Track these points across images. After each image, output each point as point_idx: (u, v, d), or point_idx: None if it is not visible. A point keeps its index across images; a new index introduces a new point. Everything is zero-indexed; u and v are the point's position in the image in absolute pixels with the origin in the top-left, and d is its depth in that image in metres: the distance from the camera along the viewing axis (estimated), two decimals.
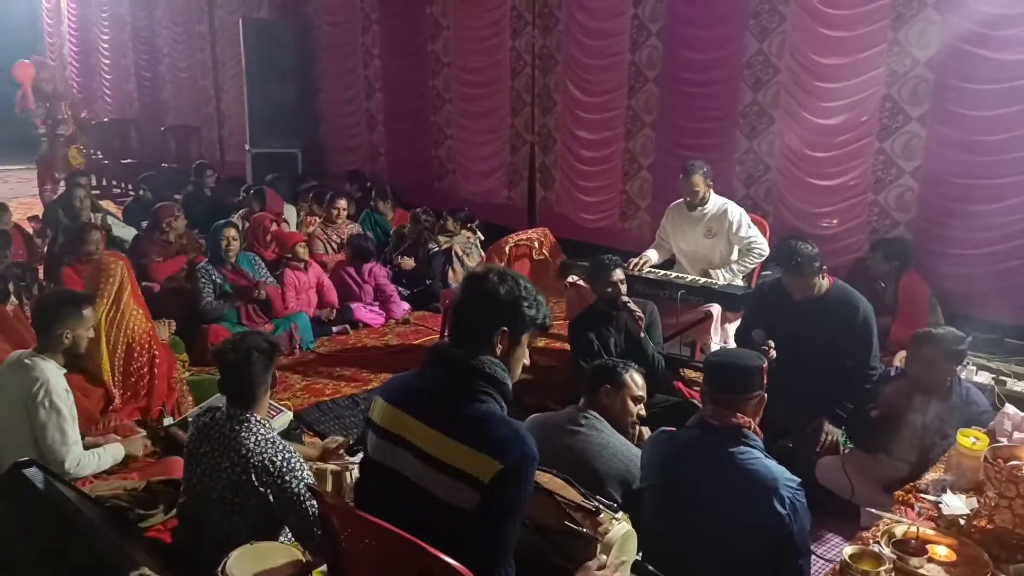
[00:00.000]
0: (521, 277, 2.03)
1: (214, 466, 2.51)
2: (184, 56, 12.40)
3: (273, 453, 2.47)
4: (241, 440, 2.48)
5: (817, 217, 6.00)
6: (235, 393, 2.60)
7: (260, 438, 2.49)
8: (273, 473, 2.44)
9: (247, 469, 2.44)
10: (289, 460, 2.48)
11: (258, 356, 2.58)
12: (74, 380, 3.41)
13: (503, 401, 1.94)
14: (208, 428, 2.58)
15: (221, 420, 2.57)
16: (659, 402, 4.20)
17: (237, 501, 2.47)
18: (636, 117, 7.18)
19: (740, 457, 2.34)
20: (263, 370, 2.60)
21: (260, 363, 2.59)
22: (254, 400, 2.59)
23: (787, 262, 3.87)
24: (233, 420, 2.54)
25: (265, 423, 2.58)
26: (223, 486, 2.48)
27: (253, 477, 2.44)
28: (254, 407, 2.58)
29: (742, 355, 2.50)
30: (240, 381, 2.58)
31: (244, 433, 2.49)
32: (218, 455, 2.50)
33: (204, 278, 5.57)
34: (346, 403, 4.86)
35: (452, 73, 8.78)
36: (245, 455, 2.45)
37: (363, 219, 7.78)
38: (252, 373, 2.57)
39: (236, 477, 2.45)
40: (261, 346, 2.62)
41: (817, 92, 5.87)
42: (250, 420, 2.53)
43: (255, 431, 2.51)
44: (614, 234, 7.39)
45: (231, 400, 2.61)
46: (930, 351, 3.44)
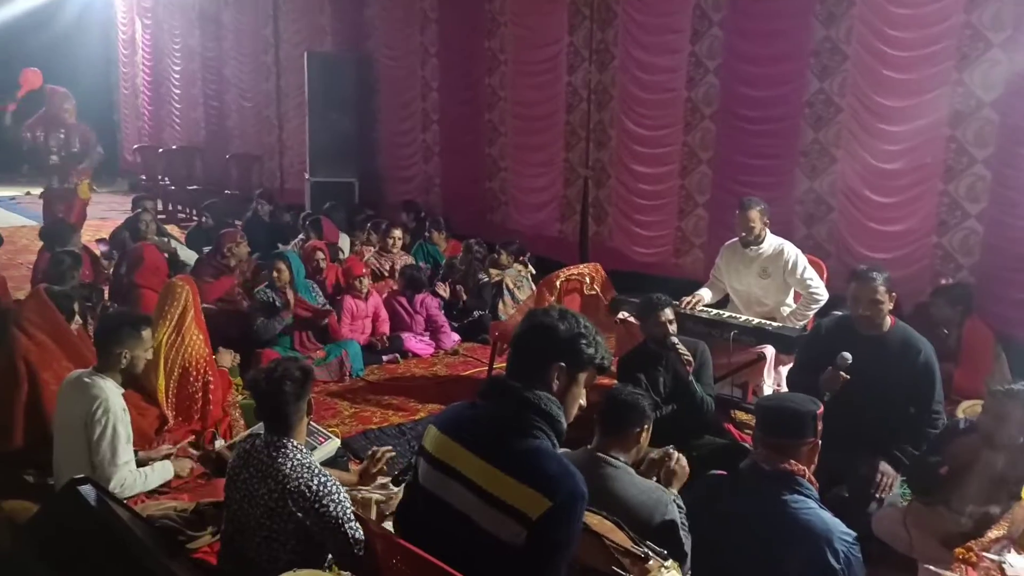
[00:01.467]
0: (583, 317, 2.02)
1: (252, 492, 2.52)
2: (250, 86, 12.79)
3: (309, 478, 2.47)
4: (278, 466, 2.49)
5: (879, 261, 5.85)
6: (271, 420, 2.62)
7: (296, 463, 2.50)
8: (309, 498, 2.44)
9: (284, 495, 2.45)
10: (326, 484, 2.48)
11: (291, 384, 2.59)
12: (131, 398, 3.49)
13: (556, 439, 1.92)
14: (247, 455, 2.60)
15: (259, 447, 2.58)
16: (707, 444, 4.12)
17: (275, 527, 2.47)
18: (692, 153, 7.15)
19: (793, 506, 2.27)
20: (296, 398, 2.60)
21: (293, 391, 2.58)
22: (290, 427, 2.60)
23: (856, 271, 3.78)
24: (270, 447, 2.55)
25: (302, 448, 2.59)
26: (261, 512, 2.49)
27: (290, 503, 2.44)
28: (290, 433, 2.59)
29: (796, 400, 2.43)
30: (275, 409, 2.59)
31: (281, 459, 2.50)
32: (256, 481, 2.52)
33: (263, 298, 5.70)
34: (393, 432, 4.87)
35: (508, 107, 8.88)
36: (282, 481, 2.46)
37: (416, 250, 7.87)
38: (285, 401, 2.58)
39: (273, 503, 2.46)
40: (294, 374, 2.62)
41: (879, 133, 5.77)
42: (287, 446, 2.54)
43: (291, 457, 2.52)
44: (667, 269, 7.33)
45: (268, 427, 2.63)
46: (1009, 408, 3.29)
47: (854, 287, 3.80)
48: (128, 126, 16.19)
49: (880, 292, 3.70)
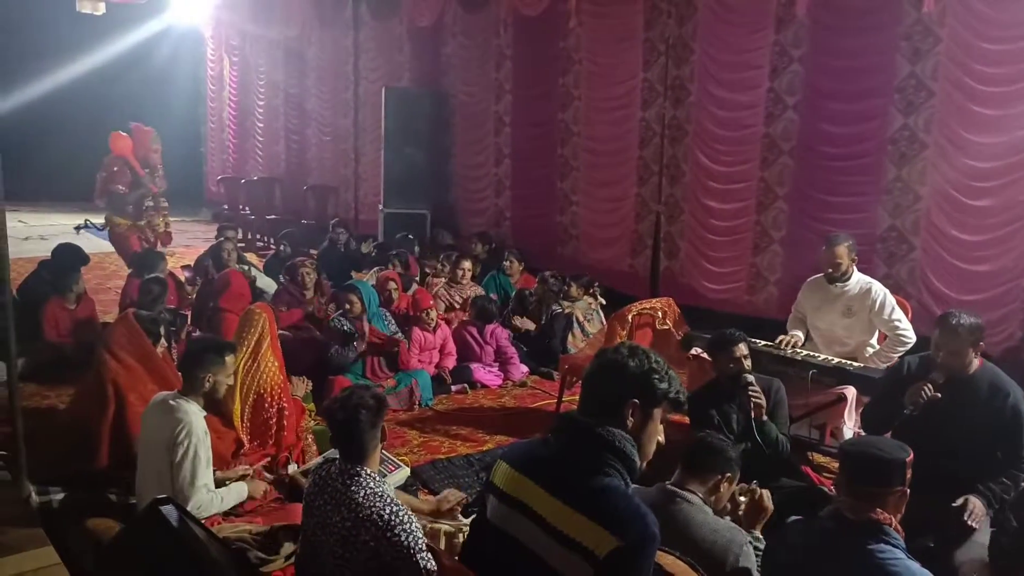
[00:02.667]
0: (653, 352, 2.00)
1: (326, 519, 2.54)
2: (329, 120, 13.19)
3: (382, 507, 2.47)
4: (351, 494, 2.50)
5: (965, 304, 5.62)
6: (346, 448, 2.64)
7: (369, 492, 2.51)
8: (382, 526, 2.44)
9: (357, 523, 2.46)
10: (398, 513, 2.48)
11: (366, 413, 2.61)
12: (210, 422, 3.59)
13: (629, 476, 1.90)
14: (323, 481, 2.62)
15: (335, 474, 2.60)
16: (784, 486, 3.97)
17: (347, 555, 2.48)
18: (768, 189, 7.04)
19: (880, 556, 2.17)
20: (371, 426, 2.62)
21: (367, 420, 2.61)
22: (364, 455, 2.61)
23: (941, 319, 3.63)
24: (344, 475, 2.57)
25: (375, 477, 2.60)
26: (334, 540, 2.50)
27: (362, 531, 2.45)
28: (365, 462, 2.61)
29: (885, 446, 2.33)
30: (349, 436, 2.61)
31: (355, 488, 2.52)
32: (330, 509, 2.54)
33: (337, 326, 5.82)
34: (461, 463, 4.87)
35: (580, 142, 8.92)
36: (355, 509, 2.48)
37: (488, 281, 7.91)
38: (360, 430, 2.60)
39: (346, 531, 2.47)
40: (368, 403, 2.64)
41: (967, 170, 5.59)
42: (361, 474, 2.56)
43: (365, 485, 2.53)
44: (739, 306, 7.20)
45: (343, 455, 2.64)
46: None
47: (937, 334, 3.65)
48: (213, 158, 16.87)
49: (963, 344, 3.55)
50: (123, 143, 8.55)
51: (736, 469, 2.98)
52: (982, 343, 3.62)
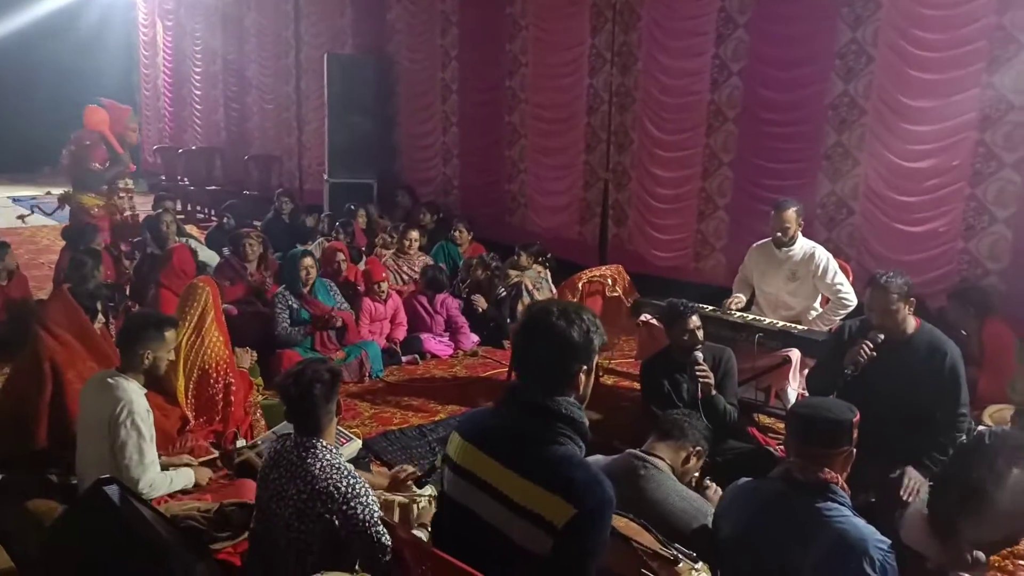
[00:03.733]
0: (579, 307, 1.99)
1: (282, 492, 2.51)
2: (271, 88, 12.85)
3: (338, 479, 2.46)
4: (307, 467, 2.48)
5: (903, 265, 5.78)
6: (301, 422, 2.62)
7: (325, 464, 2.50)
8: (338, 499, 2.43)
9: (313, 496, 2.45)
10: (355, 486, 2.47)
11: (320, 387, 2.58)
12: (153, 399, 3.50)
13: (582, 441, 1.90)
14: (278, 455, 2.60)
15: (290, 447, 2.58)
16: (732, 448, 4.07)
17: (303, 528, 2.46)
18: (714, 156, 7.10)
19: (828, 514, 2.22)
20: (326, 400, 2.60)
21: (322, 393, 2.58)
22: (319, 428, 2.59)
23: (873, 278, 3.72)
24: (300, 447, 2.55)
25: (332, 449, 2.58)
26: (290, 513, 2.48)
27: (318, 504, 2.44)
28: (320, 434, 2.59)
29: (834, 407, 2.38)
30: (304, 411, 2.59)
31: (310, 460, 2.50)
32: (285, 482, 2.51)
33: (281, 304, 5.71)
34: (414, 433, 4.85)
35: (528, 109, 8.86)
36: (311, 481, 2.46)
37: (436, 251, 7.85)
38: (315, 404, 2.57)
39: (302, 504, 2.46)
40: (322, 377, 2.61)
41: (905, 135, 5.70)
42: (316, 447, 2.54)
43: (321, 457, 2.51)
44: (687, 273, 7.28)
45: (298, 429, 2.62)
46: None
47: (869, 294, 3.75)
48: (149, 127, 16.31)
49: (893, 301, 3.64)
50: (99, 116, 8.07)
51: (706, 445, 3.03)
52: (913, 300, 3.72)
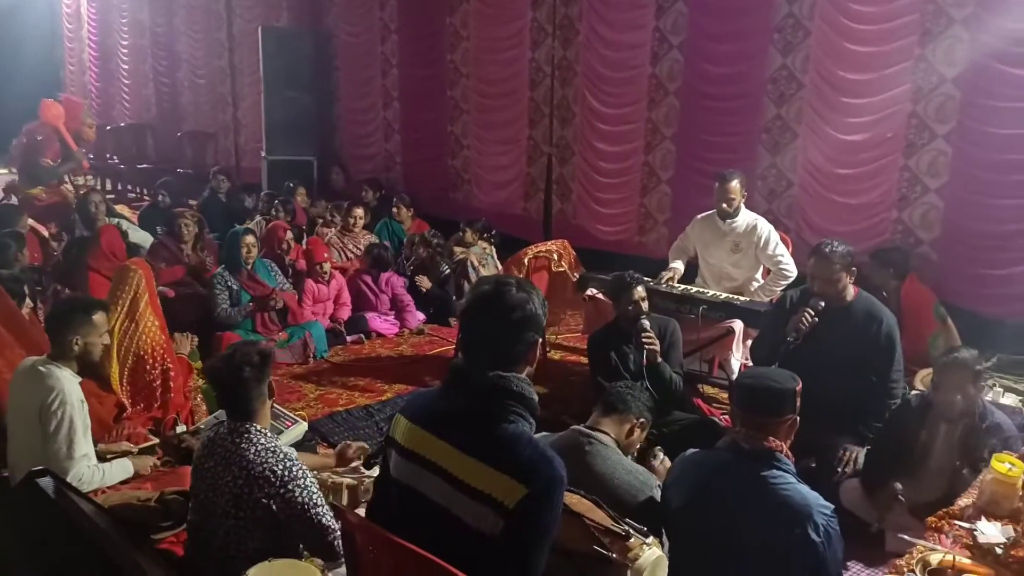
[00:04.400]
0: (526, 280, 1.97)
1: (217, 480, 2.46)
2: (203, 63, 12.45)
3: (274, 463, 2.41)
4: (242, 452, 2.43)
5: (840, 235, 5.91)
6: (233, 407, 2.56)
7: (261, 448, 2.45)
8: (275, 483, 2.39)
9: (249, 481, 2.40)
10: (291, 469, 2.42)
11: (250, 369, 2.52)
12: (88, 386, 3.37)
13: (532, 418, 1.88)
14: (212, 443, 2.54)
15: (223, 434, 2.52)
16: (678, 419, 4.13)
17: (241, 515, 2.41)
18: (656, 130, 7.13)
19: (773, 482, 2.26)
20: (257, 382, 2.54)
21: (253, 375, 2.52)
22: (252, 412, 2.54)
23: (816, 248, 3.80)
24: (234, 433, 2.49)
25: (266, 433, 2.53)
26: (227, 500, 2.43)
27: (255, 489, 2.39)
28: (254, 418, 2.53)
29: (777, 377, 2.41)
30: (235, 395, 2.53)
31: (244, 445, 2.45)
32: (221, 469, 2.46)
33: (220, 285, 5.56)
34: (360, 414, 4.80)
35: (471, 83, 8.76)
36: (246, 467, 2.41)
37: (380, 228, 7.74)
38: (246, 387, 2.51)
39: (239, 490, 2.40)
40: (252, 359, 2.55)
41: (842, 108, 5.81)
42: (251, 431, 2.48)
43: (255, 442, 2.46)
44: (631, 247, 7.33)
45: (230, 414, 2.56)
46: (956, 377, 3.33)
47: (812, 263, 3.83)
48: None
49: (835, 270, 3.73)
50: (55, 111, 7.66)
51: (649, 416, 3.05)
52: (854, 269, 3.81)
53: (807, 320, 3.74)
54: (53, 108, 7.71)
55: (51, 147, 7.57)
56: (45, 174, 7.53)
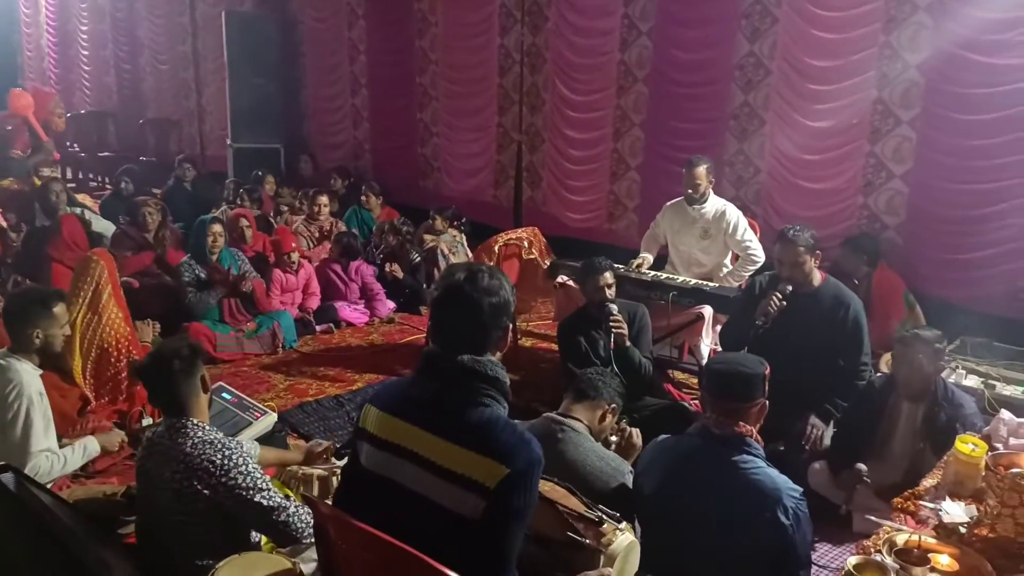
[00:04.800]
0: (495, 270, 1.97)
1: (156, 480, 2.42)
2: (165, 48, 12.22)
3: (212, 453, 2.37)
4: (179, 447, 2.39)
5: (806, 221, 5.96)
6: (166, 404, 2.51)
7: (197, 440, 2.40)
8: (214, 472, 2.34)
9: (188, 474, 2.35)
10: (231, 456, 2.38)
11: (179, 362, 2.48)
12: (51, 379, 3.31)
13: (506, 401, 1.90)
14: (151, 443, 2.49)
15: (161, 433, 2.48)
16: (649, 405, 4.15)
17: (186, 509, 2.37)
18: (625, 117, 7.13)
19: (743, 466, 2.28)
20: (186, 376, 2.49)
21: (182, 368, 2.48)
22: (186, 407, 2.48)
23: (781, 232, 3.84)
24: (171, 430, 2.44)
25: (203, 426, 2.48)
26: (168, 497, 2.38)
27: (195, 481, 2.34)
28: (189, 413, 2.48)
29: (747, 362, 2.43)
30: (167, 391, 2.49)
31: (181, 440, 2.40)
32: (160, 468, 2.41)
33: (188, 273, 5.47)
34: (331, 404, 4.76)
35: (439, 70, 8.70)
36: (184, 460, 2.36)
37: (349, 216, 7.68)
38: (174, 382, 2.47)
39: (178, 485, 2.36)
40: (181, 352, 2.51)
41: (808, 94, 5.86)
42: (187, 426, 2.44)
43: (192, 435, 2.41)
44: (601, 234, 7.35)
45: (165, 411, 2.52)
46: (916, 351, 3.40)
47: (778, 248, 3.87)
48: None
49: (800, 254, 3.76)
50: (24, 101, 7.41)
51: (620, 401, 3.05)
52: (819, 253, 3.85)
53: (775, 304, 3.78)
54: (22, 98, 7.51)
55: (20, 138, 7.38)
56: (15, 166, 7.34)
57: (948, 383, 3.56)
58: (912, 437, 3.52)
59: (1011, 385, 4.29)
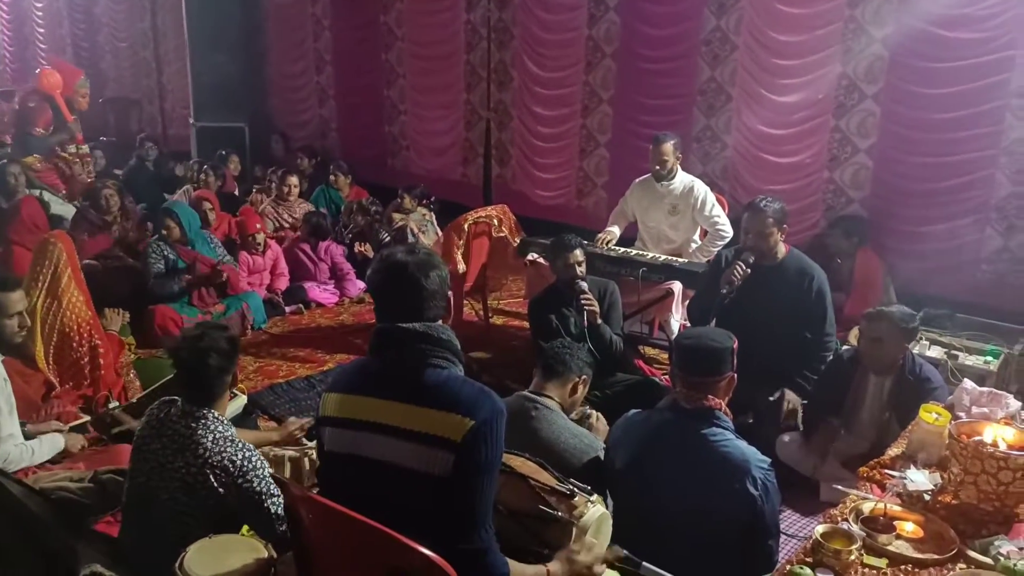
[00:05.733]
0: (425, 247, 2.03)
1: (165, 465, 2.37)
2: (123, 26, 11.91)
3: (232, 452, 2.34)
4: (198, 439, 2.34)
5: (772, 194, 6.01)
6: (191, 390, 2.46)
7: (218, 436, 2.36)
8: (233, 473, 2.32)
9: (204, 469, 2.32)
10: (251, 459, 2.36)
11: (216, 357, 2.44)
12: (13, 365, 3.25)
13: (460, 363, 1.93)
14: (161, 424, 2.42)
15: (175, 416, 2.41)
16: (620, 381, 4.19)
17: (190, 502, 2.34)
18: (593, 93, 7.11)
19: (712, 439, 2.31)
20: (221, 371, 2.46)
21: (218, 365, 2.44)
22: (212, 398, 2.46)
23: (751, 202, 3.88)
24: (188, 417, 2.39)
25: (224, 421, 2.44)
26: (176, 486, 2.34)
27: (212, 478, 2.31)
28: (212, 404, 2.45)
29: (715, 336, 2.46)
30: (197, 381, 2.44)
31: (201, 431, 2.35)
32: (170, 454, 2.36)
33: (155, 254, 5.38)
34: (301, 385, 4.75)
35: (405, 47, 8.59)
36: (202, 455, 2.32)
37: (317, 196, 7.59)
38: (209, 375, 2.43)
39: (191, 478, 2.32)
40: (221, 347, 2.46)
41: (774, 69, 5.88)
42: (207, 418, 2.39)
43: (213, 429, 2.37)
44: (570, 212, 7.34)
45: (187, 397, 2.45)
46: (882, 328, 3.46)
47: (746, 217, 3.91)
48: None
49: (768, 224, 3.80)
50: (53, 80, 7.15)
51: (590, 371, 3.06)
52: (786, 226, 3.89)
53: (739, 272, 3.80)
54: (51, 77, 7.31)
55: (43, 116, 7.19)
56: (36, 143, 7.15)
57: (916, 357, 3.62)
58: (879, 409, 3.59)
59: (973, 355, 4.39)
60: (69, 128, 7.23)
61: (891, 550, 2.18)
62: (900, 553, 2.16)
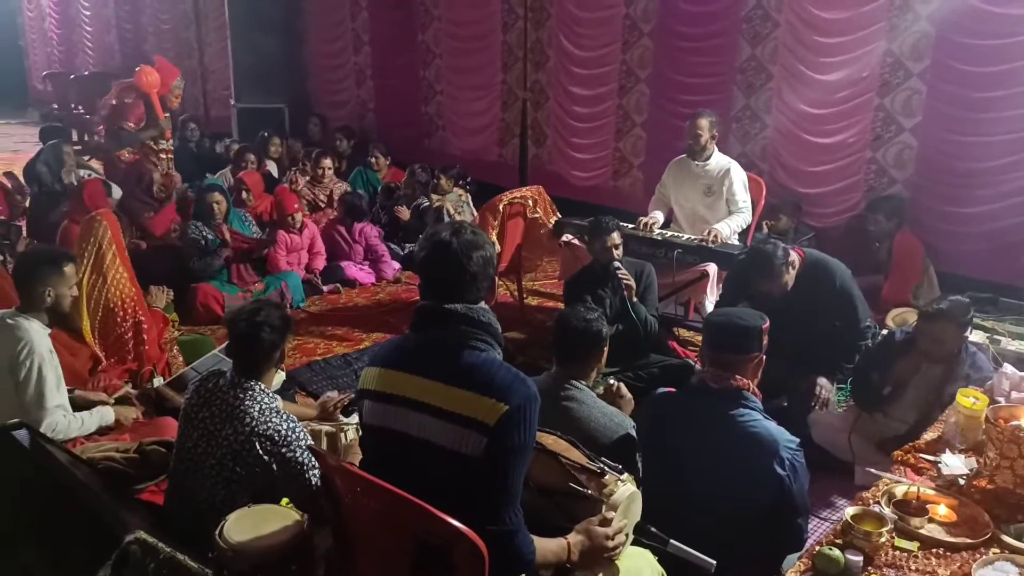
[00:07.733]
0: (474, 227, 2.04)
1: (213, 433, 2.46)
2: (166, 7, 12.09)
3: (279, 422, 2.44)
4: (245, 408, 2.44)
5: (813, 176, 5.94)
6: (242, 362, 2.56)
7: (264, 407, 2.46)
8: (278, 442, 2.41)
9: (251, 438, 2.41)
10: (295, 429, 2.46)
11: (270, 331, 2.53)
12: (60, 338, 3.35)
13: (499, 346, 1.96)
14: (210, 394, 2.52)
15: (224, 387, 2.51)
16: (655, 362, 4.19)
17: (239, 469, 2.42)
18: (630, 72, 7.05)
19: (740, 420, 2.31)
20: (271, 347, 2.55)
21: (270, 339, 2.54)
22: (261, 372, 2.55)
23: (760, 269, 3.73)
24: (237, 388, 2.49)
25: (269, 393, 2.53)
26: (223, 454, 2.43)
27: (258, 446, 2.40)
28: (260, 377, 2.54)
29: (744, 315, 2.45)
30: (248, 353, 2.54)
31: (248, 402, 2.45)
32: (219, 422, 2.46)
33: (195, 235, 5.50)
34: (338, 363, 4.82)
35: (442, 27, 8.58)
36: (249, 423, 2.42)
37: (354, 177, 7.65)
38: (259, 348, 2.53)
39: (239, 446, 2.41)
40: (274, 322, 2.56)
41: (817, 47, 5.77)
42: (254, 388, 2.49)
43: (259, 400, 2.47)
44: (606, 192, 7.31)
45: (237, 368, 2.55)
46: (941, 330, 3.38)
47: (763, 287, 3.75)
48: (35, 52, 15.20)
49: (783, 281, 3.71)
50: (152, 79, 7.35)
51: (604, 338, 3.01)
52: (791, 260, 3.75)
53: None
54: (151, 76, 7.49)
55: (135, 112, 7.43)
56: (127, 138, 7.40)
57: (969, 345, 3.52)
58: (924, 393, 3.53)
59: (1016, 340, 4.30)
60: (160, 125, 7.41)
61: (923, 533, 2.16)
62: (932, 536, 2.15)
